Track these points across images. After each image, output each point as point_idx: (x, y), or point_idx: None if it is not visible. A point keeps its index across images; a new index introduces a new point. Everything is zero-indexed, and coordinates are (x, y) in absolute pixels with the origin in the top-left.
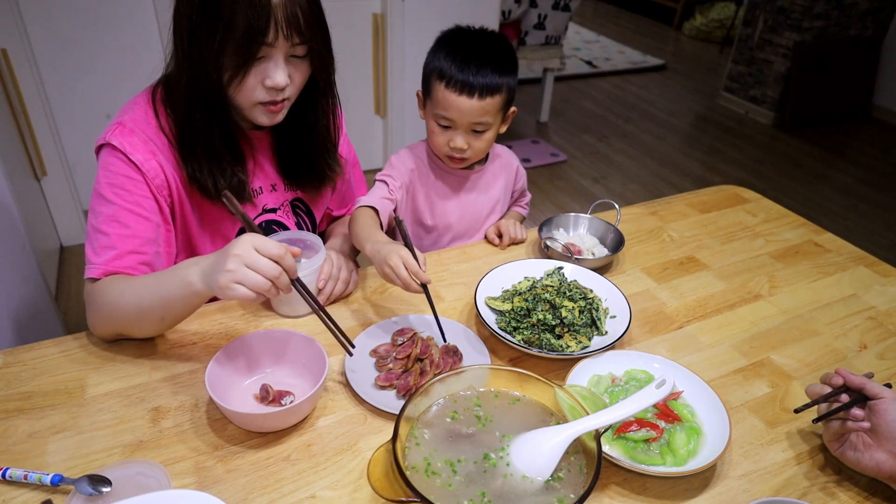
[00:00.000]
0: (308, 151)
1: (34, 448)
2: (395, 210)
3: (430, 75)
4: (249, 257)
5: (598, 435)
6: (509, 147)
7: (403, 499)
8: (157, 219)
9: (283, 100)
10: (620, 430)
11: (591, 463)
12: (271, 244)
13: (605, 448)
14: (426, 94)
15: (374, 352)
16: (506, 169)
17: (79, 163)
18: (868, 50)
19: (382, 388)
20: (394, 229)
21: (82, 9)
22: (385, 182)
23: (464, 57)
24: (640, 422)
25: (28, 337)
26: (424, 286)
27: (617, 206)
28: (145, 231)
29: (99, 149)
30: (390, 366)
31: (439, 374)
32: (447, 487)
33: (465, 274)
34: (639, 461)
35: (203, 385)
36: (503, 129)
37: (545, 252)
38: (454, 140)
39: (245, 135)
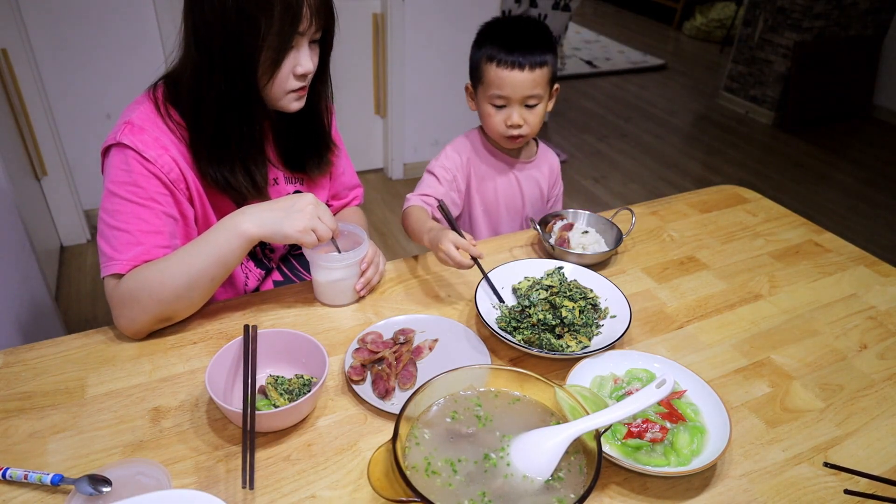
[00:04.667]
0: (308, 133)
1: (34, 448)
2: (458, 196)
3: (480, 62)
4: (319, 209)
5: (598, 435)
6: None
7: (403, 499)
8: (174, 213)
9: (307, 85)
10: (630, 435)
11: (591, 463)
12: (324, 206)
13: (606, 448)
14: (477, 82)
15: (361, 339)
16: (550, 172)
17: (79, 163)
18: (868, 50)
19: (354, 381)
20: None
21: (82, 9)
22: (434, 174)
23: (510, 38)
24: (648, 421)
25: (28, 337)
26: (475, 260)
27: (632, 212)
28: (166, 225)
29: (107, 150)
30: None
31: (396, 378)
32: (447, 487)
33: (465, 273)
34: (642, 462)
35: (203, 385)
36: (550, 107)
37: (546, 242)
38: (511, 117)
39: None
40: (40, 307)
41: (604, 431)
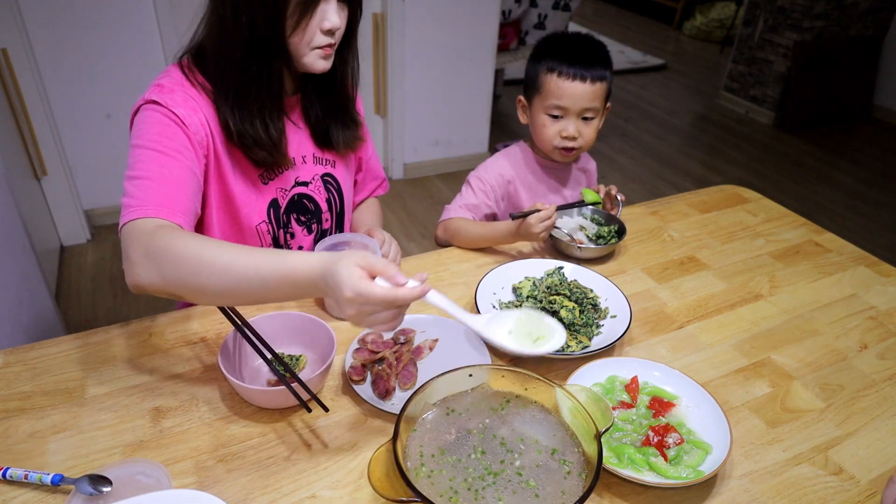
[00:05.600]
0: (334, 102)
1: (35, 448)
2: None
3: (539, 74)
4: (363, 314)
5: (598, 435)
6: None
7: (403, 499)
8: (196, 171)
9: (333, 44)
10: (646, 442)
11: (591, 463)
12: (376, 292)
13: (611, 457)
14: (534, 94)
15: (361, 339)
16: (592, 177)
17: (79, 163)
18: (868, 50)
19: (354, 381)
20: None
21: (83, 9)
22: (470, 185)
23: (571, 51)
24: (648, 440)
25: (28, 337)
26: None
27: (620, 199)
28: (190, 180)
29: (136, 112)
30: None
31: (396, 378)
32: (448, 485)
33: (465, 274)
34: (646, 465)
35: (203, 385)
36: (601, 124)
37: (549, 240)
38: (566, 128)
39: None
40: (40, 307)
41: (604, 432)
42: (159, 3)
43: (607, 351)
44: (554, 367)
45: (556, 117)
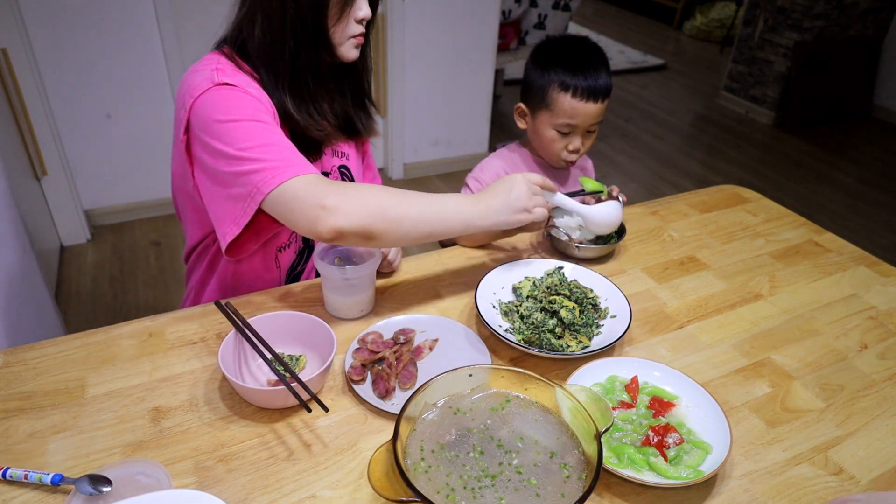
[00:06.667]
0: (357, 92)
1: (34, 448)
2: None
3: (548, 88)
4: (530, 193)
5: (598, 435)
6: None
7: (403, 499)
8: None
9: (363, 33)
10: (646, 442)
11: (591, 463)
12: (535, 176)
13: (611, 457)
14: (541, 106)
15: (361, 339)
16: (590, 175)
17: (79, 163)
18: (868, 50)
19: (354, 381)
20: None
21: (83, 9)
22: (468, 186)
23: (582, 67)
24: (648, 440)
25: (28, 337)
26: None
27: (620, 200)
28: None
29: (201, 95)
30: (360, 358)
31: (396, 378)
32: (446, 485)
33: (465, 274)
34: (646, 465)
35: (203, 385)
36: None
37: (549, 240)
38: (573, 143)
39: None
40: (40, 307)
41: (604, 432)
42: (159, 3)
43: (607, 351)
44: (554, 367)
45: (565, 133)
